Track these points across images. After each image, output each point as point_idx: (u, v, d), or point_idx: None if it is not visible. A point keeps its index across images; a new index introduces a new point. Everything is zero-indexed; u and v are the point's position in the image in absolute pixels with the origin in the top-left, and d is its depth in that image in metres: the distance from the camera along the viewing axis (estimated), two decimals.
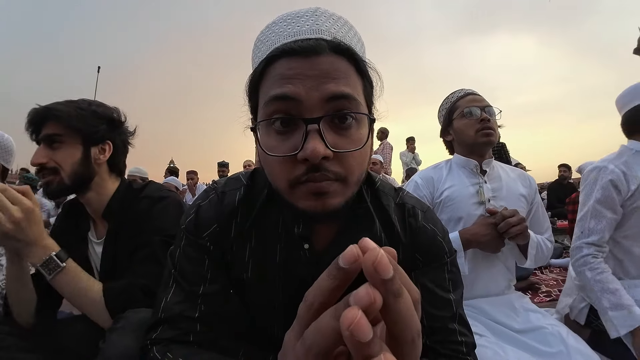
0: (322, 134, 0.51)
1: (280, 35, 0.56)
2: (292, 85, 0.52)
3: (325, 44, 0.53)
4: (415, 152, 7.31)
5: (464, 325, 0.67)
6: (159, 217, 1.01)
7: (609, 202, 1.33)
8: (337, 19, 0.58)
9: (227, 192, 0.70)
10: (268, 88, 0.55)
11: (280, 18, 0.58)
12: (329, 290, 0.26)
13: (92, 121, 1.02)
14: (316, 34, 0.55)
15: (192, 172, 6.12)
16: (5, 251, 0.93)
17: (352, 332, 0.21)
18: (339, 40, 0.55)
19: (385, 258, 0.24)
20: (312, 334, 0.26)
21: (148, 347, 0.62)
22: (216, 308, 0.66)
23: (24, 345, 0.89)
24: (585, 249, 1.33)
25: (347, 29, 0.59)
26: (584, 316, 1.41)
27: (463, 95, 1.35)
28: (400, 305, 0.24)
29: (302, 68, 0.52)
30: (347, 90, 0.53)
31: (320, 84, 0.52)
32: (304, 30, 0.55)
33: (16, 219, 0.81)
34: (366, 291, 0.23)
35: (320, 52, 0.53)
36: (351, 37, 0.58)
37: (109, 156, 1.07)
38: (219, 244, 0.67)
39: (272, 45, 0.55)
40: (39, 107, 0.99)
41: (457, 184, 1.31)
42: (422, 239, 0.69)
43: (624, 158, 1.38)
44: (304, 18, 0.56)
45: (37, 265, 0.85)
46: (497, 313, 1.17)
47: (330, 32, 0.56)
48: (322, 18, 0.57)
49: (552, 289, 2.78)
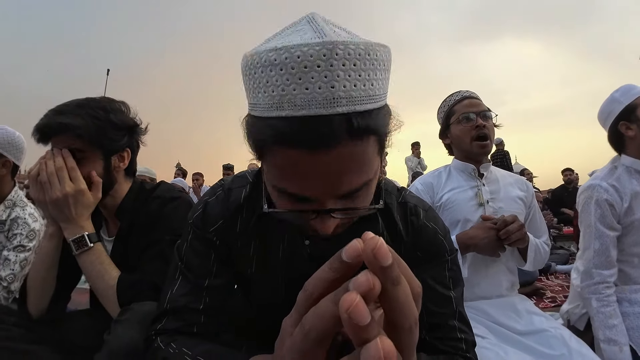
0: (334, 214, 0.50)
1: (284, 96, 0.43)
2: (297, 184, 0.48)
3: (341, 128, 0.44)
4: (420, 157, 7.29)
5: (464, 323, 0.68)
6: (169, 217, 1.02)
7: (607, 221, 1.34)
8: (356, 65, 0.44)
9: (234, 189, 0.71)
10: (270, 169, 0.51)
11: (282, 60, 0.43)
12: (329, 281, 0.27)
13: (112, 134, 1.00)
14: (330, 105, 0.43)
15: (198, 174, 6.23)
16: (47, 225, 0.99)
17: (351, 315, 0.22)
18: (358, 123, 0.44)
19: (385, 246, 0.24)
20: (311, 319, 0.26)
21: (152, 338, 0.64)
22: (220, 301, 0.68)
23: (30, 337, 0.90)
24: (597, 277, 1.31)
25: (369, 76, 0.45)
26: (584, 323, 1.42)
27: (460, 99, 1.37)
28: (398, 293, 0.25)
29: (313, 163, 0.45)
30: (364, 179, 0.49)
31: (333, 182, 0.47)
32: (315, 98, 0.42)
33: (67, 192, 0.92)
34: (365, 277, 0.23)
35: (336, 144, 0.44)
36: (375, 89, 0.46)
37: (128, 163, 1.08)
38: (224, 239, 0.69)
39: (273, 103, 0.44)
40: (53, 121, 0.94)
41: (456, 187, 1.34)
42: (424, 237, 0.69)
43: (616, 174, 1.39)
44: (315, 72, 0.42)
45: (69, 239, 0.93)
46: (500, 315, 1.17)
47: (349, 95, 0.43)
48: (339, 70, 0.42)
49: (557, 295, 2.76)
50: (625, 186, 1.35)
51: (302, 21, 0.50)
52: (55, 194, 0.91)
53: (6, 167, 1.52)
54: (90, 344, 0.90)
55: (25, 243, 1.49)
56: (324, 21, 0.48)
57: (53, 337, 0.95)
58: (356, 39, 0.44)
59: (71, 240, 0.93)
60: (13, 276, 1.42)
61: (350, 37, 0.46)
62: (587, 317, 1.41)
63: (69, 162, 0.94)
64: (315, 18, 0.49)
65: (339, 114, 0.43)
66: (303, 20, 0.50)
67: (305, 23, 0.49)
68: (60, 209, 0.93)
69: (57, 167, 0.92)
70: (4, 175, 1.52)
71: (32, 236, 1.52)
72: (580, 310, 1.44)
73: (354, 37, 0.46)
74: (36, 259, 1.01)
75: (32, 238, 1.52)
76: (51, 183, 0.92)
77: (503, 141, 6.48)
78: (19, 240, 1.48)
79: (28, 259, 1.48)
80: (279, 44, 0.44)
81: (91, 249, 0.93)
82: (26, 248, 1.49)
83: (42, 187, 0.93)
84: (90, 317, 1.05)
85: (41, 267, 0.98)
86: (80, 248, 0.93)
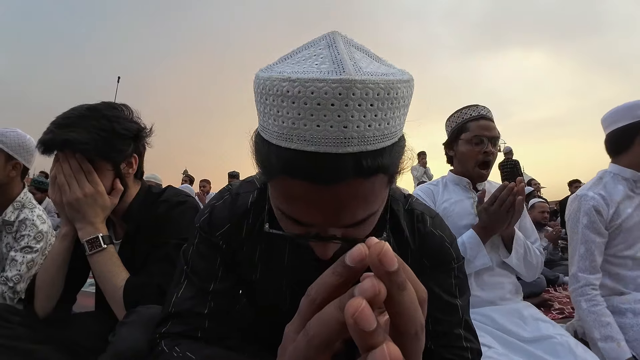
0: None
1: (294, 129, 0.42)
2: (300, 211, 0.49)
3: (350, 167, 0.43)
4: (427, 166, 7.27)
5: (470, 332, 0.67)
6: (176, 220, 1.02)
7: (595, 227, 1.39)
8: (373, 105, 0.41)
9: (241, 194, 0.71)
10: (274, 192, 0.51)
11: (295, 93, 0.41)
12: (333, 286, 0.26)
13: (119, 145, 1.00)
14: (341, 145, 0.41)
15: (205, 181, 6.27)
16: (61, 225, 1.01)
17: (357, 320, 0.21)
18: (368, 163, 0.43)
19: (390, 251, 0.24)
20: (315, 325, 0.26)
21: (157, 341, 0.64)
22: (225, 306, 0.67)
23: (35, 337, 0.91)
24: (582, 280, 1.37)
25: (385, 115, 0.43)
26: None
27: (476, 117, 1.36)
28: (404, 298, 0.24)
29: (319, 195, 0.45)
30: (369, 212, 0.49)
31: (337, 214, 0.47)
32: (325, 136, 0.41)
33: (85, 193, 0.94)
34: (371, 283, 0.23)
35: (342, 180, 0.43)
36: (390, 127, 0.44)
37: (137, 168, 1.08)
38: (230, 244, 0.69)
39: (282, 134, 0.43)
40: (58, 137, 0.92)
41: (453, 197, 1.39)
42: (430, 244, 0.69)
43: (603, 182, 1.45)
44: (329, 110, 0.40)
45: (83, 240, 0.95)
46: (506, 322, 1.17)
47: (362, 135, 0.42)
48: (353, 110, 0.40)
49: (565, 306, 2.71)
50: (611, 193, 1.41)
51: (322, 42, 0.47)
52: (74, 195, 0.94)
53: (16, 170, 1.54)
54: (95, 345, 0.90)
55: (32, 244, 1.50)
56: (345, 45, 0.46)
57: (58, 338, 0.96)
58: (376, 76, 0.41)
59: (85, 241, 0.95)
60: (19, 277, 1.43)
61: (371, 67, 0.44)
62: None
63: (84, 166, 0.95)
64: (336, 41, 0.46)
65: (349, 154, 0.42)
66: (322, 42, 0.47)
67: (324, 46, 0.46)
68: (77, 210, 0.95)
69: (74, 169, 0.94)
70: (13, 177, 1.54)
71: (40, 238, 1.53)
72: None
73: (376, 69, 0.44)
74: (47, 258, 1.02)
75: (40, 239, 1.53)
76: (69, 184, 0.94)
77: (512, 150, 6.41)
78: (26, 241, 1.49)
79: (35, 260, 1.49)
80: (293, 73, 0.41)
81: (104, 250, 0.95)
82: (33, 249, 1.50)
83: (59, 189, 0.95)
84: (95, 319, 1.05)
85: (52, 266, 0.99)
86: (94, 249, 0.94)
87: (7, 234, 1.52)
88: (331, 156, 0.42)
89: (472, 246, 1.23)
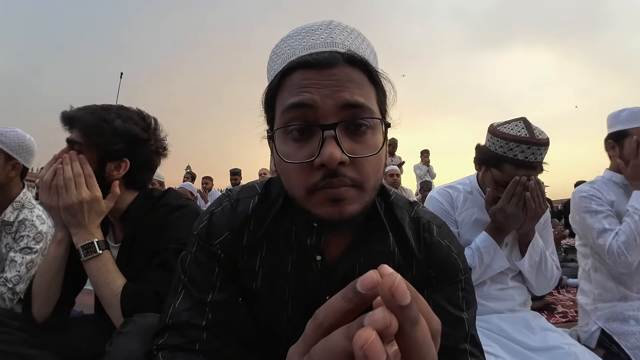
0: (338, 140, 0.52)
1: (295, 48, 0.57)
2: (308, 93, 0.54)
3: (339, 56, 0.55)
4: (429, 164, 7.25)
5: (476, 347, 0.65)
6: (175, 225, 1.01)
7: (594, 202, 1.45)
8: (350, 32, 0.59)
9: (241, 200, 0.70)
10: (285, 98, 0.56)
11: (295, 32, 0.59)
12: (342, 312, 0.25)
13: (109, 138, 1.00)
14: (330, 47, 0.56)
15: (208, 177, 6.24)
16: (56, 230, 1.00)
17: (366, 352, 0.21)
18: (352, 52, 0.56)
19: (403, 284, 0.23)
20: (320, 352, 0.25)
21: (154, 353, 0.62)
22: (224, 317, 0.66)
23: (33, 341, 0.90)
24: (612, 235, 1.36)
25: (361, 41, 0.60)
26: (594, 340, 1.45)
27: (524, 146, 1.16)
28: (417, 333, 0.24)
29: (317, 78, 0.54)
30: (360, 100, 0.54)
31: (335, 92, 0.53)
32: (318, 43, 0.56)
33: (82, 199, 0.94)
34: (383, 314, 0.22)
35: (335, 64, 0.54)
36: (364, 49, 0.60)
37: (123, 173, 1.05)
38: (230, 253, 0.67)
39: (288, 59, 0.57)
40: (69, 112, 1.01)
41: (471, 207, 1.35)
42: (437, 254, 0.67)
43: (596, 184, 1.52)
44: (318, 32, 0.58)
45: (78, 245, 0.94)
46: (513, 331, 1.16)
47: (344, 44, 0.57)
48: (336, 31, 0.58)
49: (568, 310, 2.69)
50: (604, 193, 1.48)
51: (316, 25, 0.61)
52: (71, 199, 0.93)
53: (16, 170, 1.53)
54: (93, 350, 0.89)
55: (32, 245, 1.50)
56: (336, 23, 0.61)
57: (56, 343, 0.95)
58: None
59: (80, 246, 0.94)
60: (19, 277, 1.43)
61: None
62: (597, 335, 1.44)
63: (86, 169, 0.95)
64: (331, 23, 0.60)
65: (338, 52, 0.55)
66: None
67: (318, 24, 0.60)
68: (73, 215, 0.94)
69: (75, 173, 0.94)
70: (13, 177, 1.54)
71: (39, 238, 1.52)
72: (590, 328, 1.46)
73: None
74: (43, 263, 1.00)
75: (39, 240, 1.52)
76: (67, 188, 0.93)
77: None
78: (25, 242, 1.49)
79: (34, 261, 1.49)
80: None
81: (99, 255, 0.94)
82: (33, 250, 1.49)
83: (56, 192, 0.94)
84: (93, 324, 1.04)
85: (48, 272, 0.98)
86: (89, 254, 0.93)
87: (6, 234, 1.51)
88: (324, 53, 0.55)
89: (488, 250, 1.20)
